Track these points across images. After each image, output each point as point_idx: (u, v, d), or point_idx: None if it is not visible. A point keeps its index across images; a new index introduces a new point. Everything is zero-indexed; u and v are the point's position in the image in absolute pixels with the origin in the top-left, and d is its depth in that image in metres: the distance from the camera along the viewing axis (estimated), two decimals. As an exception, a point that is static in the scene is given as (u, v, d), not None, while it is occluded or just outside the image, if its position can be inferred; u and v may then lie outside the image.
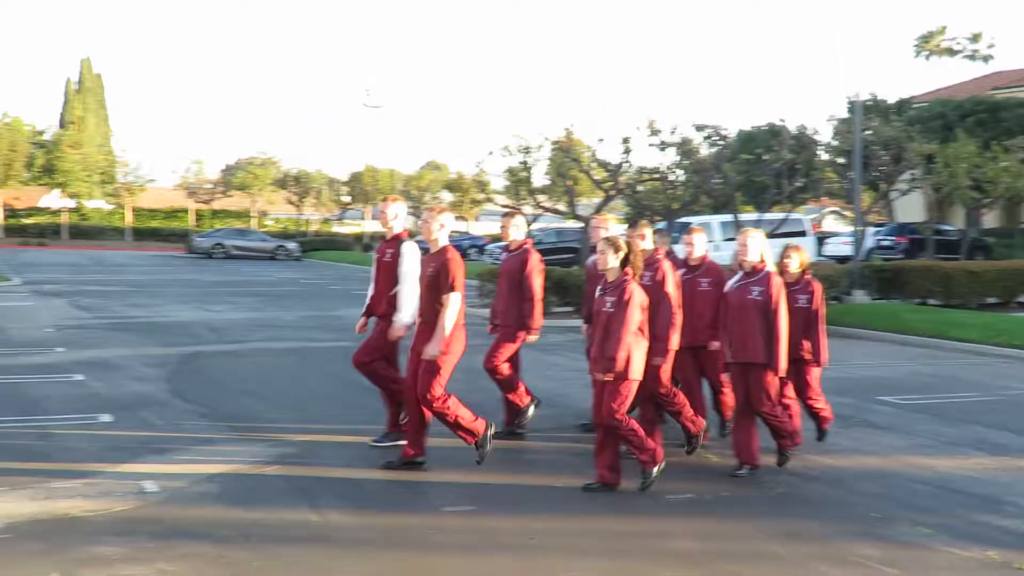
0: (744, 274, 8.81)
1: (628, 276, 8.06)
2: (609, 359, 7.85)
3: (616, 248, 8.12)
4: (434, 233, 8.64)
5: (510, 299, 9.75)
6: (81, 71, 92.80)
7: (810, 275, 9.61)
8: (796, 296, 9.33)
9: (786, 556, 6.77)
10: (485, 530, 7.18)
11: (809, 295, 9.44)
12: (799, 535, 7.22)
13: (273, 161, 73.33)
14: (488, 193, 43.49)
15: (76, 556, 6.28)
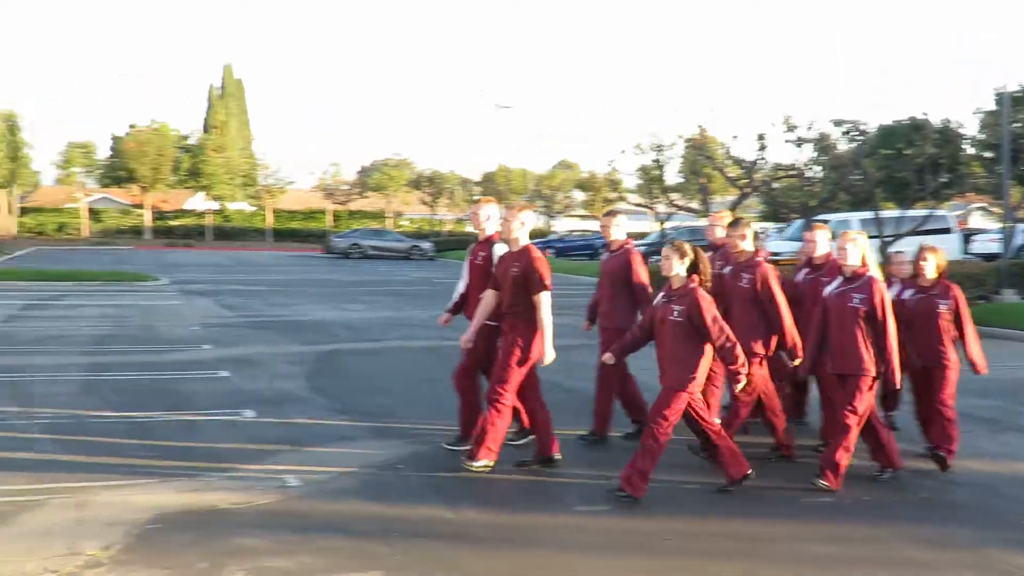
0: (844, 279, 8.35)
1: (695, 283, 7.82)
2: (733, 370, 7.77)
3: (682, 254, 7.90)
4: (514, 232, 8.57)
5: (614, 300, 9.60)
6: (223, 77, 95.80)
7: (946, 279, 9.21)
8: (935, 301, 9.01)
9: (931, 563, 6.57)
10: (620, 530, 7.16)
11: (949, 300, 9.04)
12: (944, 542, 6.99)
13: (408, 162, 74.53)
14: (620, 192, 43.25)
15: (222, 547, 6.49)
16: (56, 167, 71.33)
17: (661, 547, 6.81)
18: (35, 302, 23.51)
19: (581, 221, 75.44)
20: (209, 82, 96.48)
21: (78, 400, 11.23)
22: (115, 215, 73.88)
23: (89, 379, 12.61)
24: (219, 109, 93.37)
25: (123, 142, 71.66)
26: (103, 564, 6.13)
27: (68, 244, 63.76)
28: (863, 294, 8.17)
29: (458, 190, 73.50)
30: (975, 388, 13.12)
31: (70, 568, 6.05)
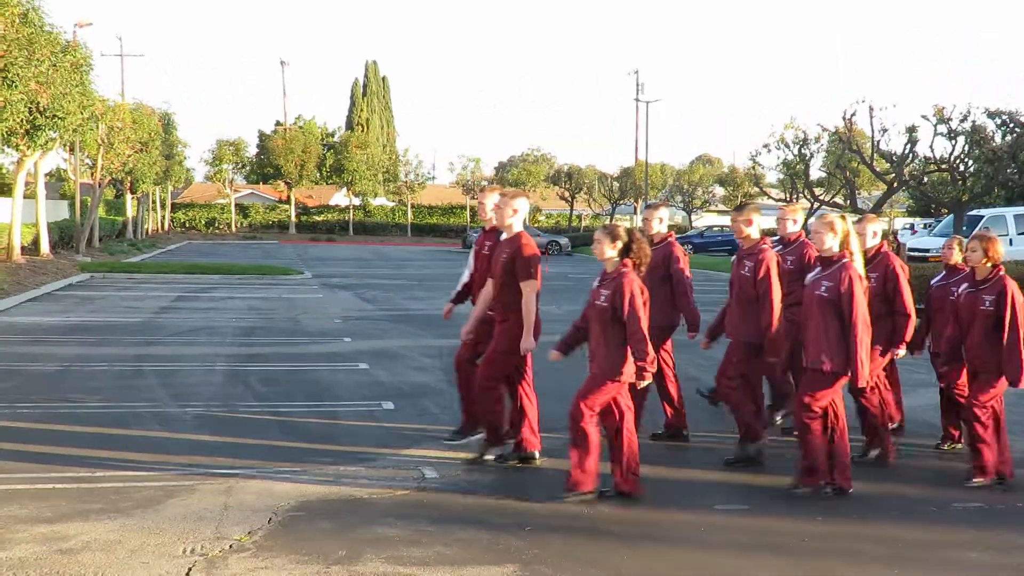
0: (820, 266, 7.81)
1: (627, 268, 7.50)
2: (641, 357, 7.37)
3: (614, 237, 7.56)
4: (507, 219, 8.35)
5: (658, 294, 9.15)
6: (367, 74, 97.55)
7: (1003, 271, 8.19)
8: (982, 297, 8.13)
9: (1091, 575, 6.24)
10: (758, 530, 7.01)
11: (995, 295, 8.05)
12: (1106, 553, 6.63)
13: (546, 157, 74.68)
14: (763, 187, 42.49)
15: (361, 536, 6.59)
16: (207, 164, 73.88)
17: (801, 548, 6.64)
18: (186, 294, 24.38)
19: (721, 217, 74.42)
20: (354, 79, 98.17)
21: (225, 390, 11.58)
22: (262, 211, 76.09)
23: (236, 369, 13.00)
24: (363, 106, 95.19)
25: (270, 139, 73.78)
26: (247, 549, 6.29)
27: (217, 239, 65.99)
28: (831, 282, 7.63)
29: (596, 185, 73.33)
30: None
31: (217, 552, 6.22)
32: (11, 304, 20.73)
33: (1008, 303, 7.99)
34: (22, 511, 6.94)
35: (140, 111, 45.67)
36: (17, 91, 23.84)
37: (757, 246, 8.71)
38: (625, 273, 7.46)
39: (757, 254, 8.63)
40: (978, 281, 8.22)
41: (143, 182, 49.45)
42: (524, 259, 8.23)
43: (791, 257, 9.32)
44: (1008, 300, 8.00)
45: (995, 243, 8.20)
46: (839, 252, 7.70)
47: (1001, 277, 8.13)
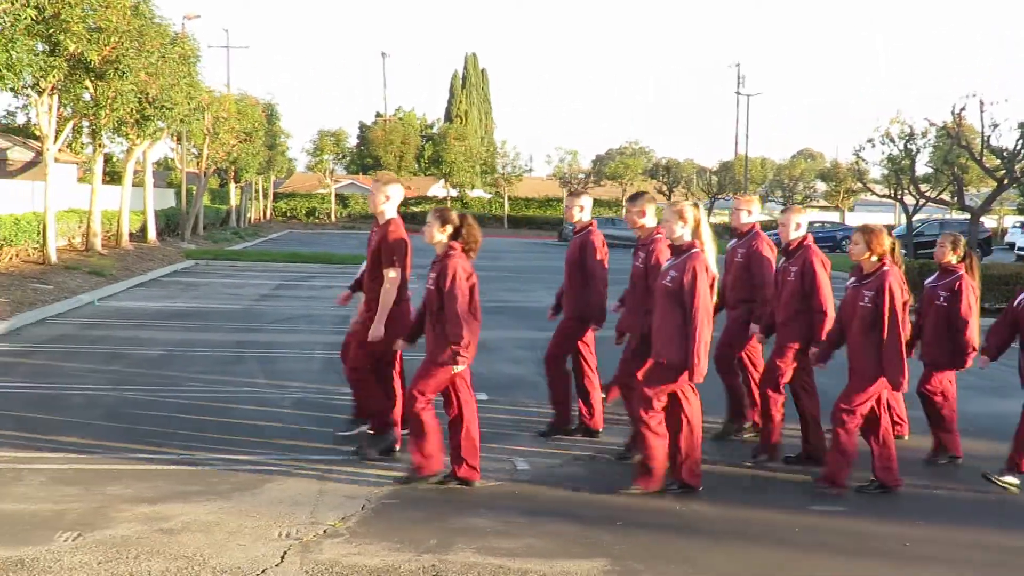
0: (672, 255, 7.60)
1: (455, 251, 7.35)
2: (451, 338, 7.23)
3: (444, 221, 7.41)
4: (380, 205, 8.26)
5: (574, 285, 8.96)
6: (466, 66, 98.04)
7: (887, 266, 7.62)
8: (862, 292, 7.64)
9: None
10: (855, 533, 6.87)
11: (874, 291, 7.54)
12: None
13: (644, 151, 74.24)
14: (866, 183, 41.58)
15: (453, 525, 6.63)
16: (308, 154, 75.06)
17: (899, 553, 6.49)
18: (286, 282, 24.82)
19: (822, 213, 73.13)
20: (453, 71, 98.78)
21: (323, 376, 11.76)
22: (361, 201, 77.04)
23: (333, 357, 13.16)
24: (462, 98, 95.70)
25: (370, 130, 74.68)
26: (341, 535, 6.37)
27: (317, 228, 67.01)
28: (676, 272, 7.35)
29: (695, 179, 72.64)
30: None
31: (311, 536, 6.32)
32: (119, 289, 21.34)
33: (885, 300, 7.47)
34: (126, 491, 7.13)
35: (245, 102, 46.61)
36: (128, 82, 24.51)
37: (651, 237, 8.39)
38: (452, 256, 7.37)
39: (649, 244, 8.32)
40: (862, 276, 7.79)
41: (246, 171, 50.46)
42: (388, 245, 8.21)
43: (741, 250, 9.09)
44: (885, 297, 7.48)
45: (879, 235, 7.66)
46: (689, 242, 7.42)
47: (883, 272, 7.59)
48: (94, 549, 5.98)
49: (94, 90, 24.80)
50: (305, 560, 5.91)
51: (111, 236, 31.72)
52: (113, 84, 24.16)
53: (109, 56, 23.59)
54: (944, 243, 8.81)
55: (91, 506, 6.78)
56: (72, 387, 10.70)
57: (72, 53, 22.22)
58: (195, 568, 5.73)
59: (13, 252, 22.78)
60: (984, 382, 12.73)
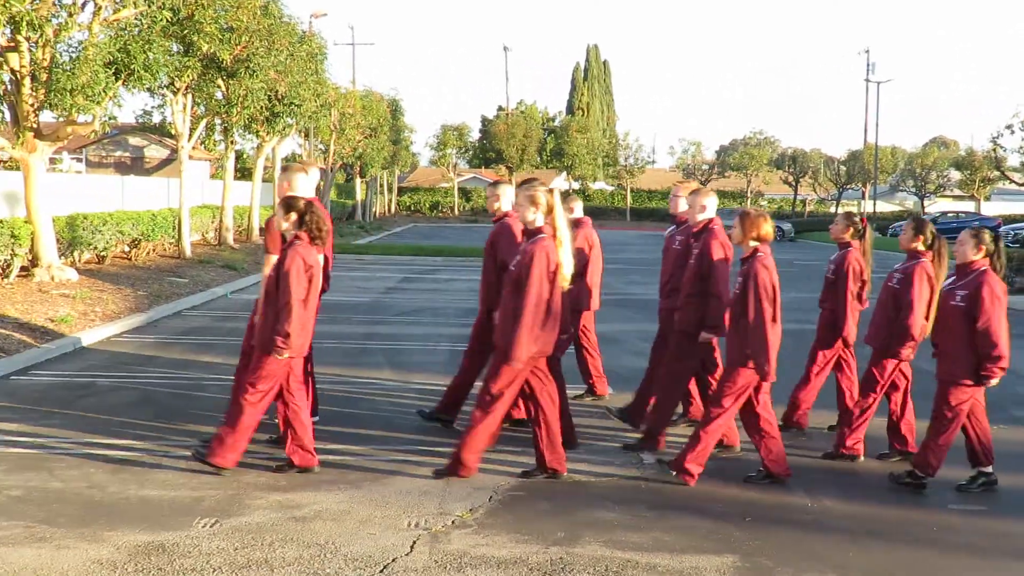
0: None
1: (301, 239, 7.17)
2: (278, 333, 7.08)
3: (288, 209, 7.21)
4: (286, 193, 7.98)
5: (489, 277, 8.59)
6: (588, 58, 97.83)
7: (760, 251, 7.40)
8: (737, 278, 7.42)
9: None
10: (995, 533, 6.64)
11: (744, 277, 7.32)
12: None
13: (770, 140, 73.02)
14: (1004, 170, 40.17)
15: (579, 518, 6.62)
16: (431, 149, 75.89)
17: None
18: (411, 275, 25.13)
19: (957, 203, 70.82)
20: (575, 64, 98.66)
21: (448, 368, 11.84)
22: (483, 194, 77.56)
23: (458, 350, 13.26)
24: (583, 91, 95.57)
25: (492, 124, 75.08)
26: (469, 526, 6.42)
27: (440, 222, 67.71)
28: (520, 256, 7.11)
29: (822, 169, 71.12)
30: None
31: (440, 527, 6.38)
32: (250, 282, 21.90)
33: (750, 284, 7.17)
34: (260, 479, 7.31)
35: (370, 98, 47.35)
36: (258, 80, 25.13)
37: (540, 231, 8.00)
38: (295, 245, 7.25)
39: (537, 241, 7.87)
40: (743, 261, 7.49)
41: (372, 166, 51.28)
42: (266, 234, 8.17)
43: (679, 237, 8.83)
44: (750, 282, 7.18)
45: (753, 220, 7.44)
46: (539, 227, 7.16)
47: (754, 258, 7.33)
48: (230, 535, 6.15)
49: (226, 88, 25.52)
50: (434, 550, 5.97)
51: (242, 231, 32.59)
52: (244, 82, 24.80)
53: (240, 55, 24.23)
54: (908, 229, 8.20)
55: (227, 493, 6.97)
56: (208, 378, 11.02)
57: (205, 53, 22.90)
58: (327, 556, 5.84)
59: (150, 247, 23.60)
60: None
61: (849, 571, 5.88)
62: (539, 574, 5.66)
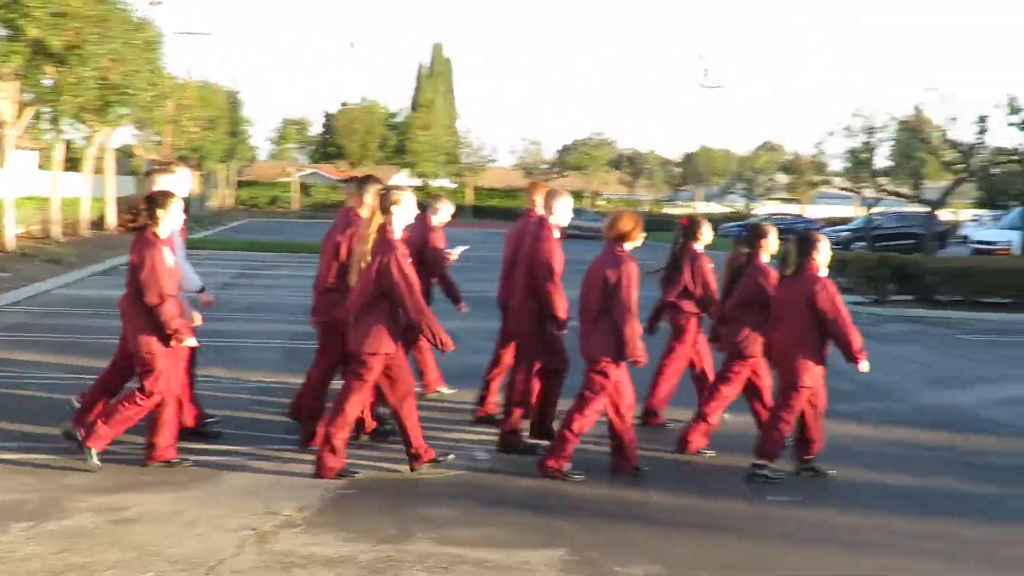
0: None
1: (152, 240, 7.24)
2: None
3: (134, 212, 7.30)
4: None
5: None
6: (432, 56, 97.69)
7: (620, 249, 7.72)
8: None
9: None
10: (811, 523, 6.95)
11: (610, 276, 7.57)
12: None
13: (608, 142, 74.36)
14: (826, 175, 41.93)
15: (410, 515, 6.63)
16: (271, 143, 74.54)
17: (854, 542, 6.57)
18: (247, 271, 24.66)
19: (784, 204, 73.60)
20: (419, 61, 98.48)
21: (283, 366, 11.70)
22: (324, 190, 76.66)
23: (293, 347, 13.11)
24: (427, 88, 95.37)
25: (335, 119, 74.23)
26: (298, 525, 6.35)
27: (280, 217, 66.60)
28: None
29: (658, 171, 72.86)
30: None
31: (267, 527, 6.29)
32: (78, 277, 21.13)
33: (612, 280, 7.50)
34: (81, 481, 7.06)
35: (207, 89, 46.28)
36: (89, 68, 24.22)
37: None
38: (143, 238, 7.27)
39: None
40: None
41: (209, 159, 50.09)
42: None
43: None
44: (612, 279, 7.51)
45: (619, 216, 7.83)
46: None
47: (617, 255, 7.66)
48: (49, 539, 5.92)
49: (56, 76, 24.50)
50: (262, 550, 5.89)
51: (69, 224, 31.40)
52: (75, 70, 23.87)
53: (71, 41, 23.30)
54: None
55: (47, 496, 6.71)
56: (29, 376, 10.58)
57: (33, 38, 21.94)
58: (151, 558, 5.69)
59: (-30, 239, 22.49)
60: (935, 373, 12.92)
61: (675, 562, 6.05)
62: (368, 572, 5.64)
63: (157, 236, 7.30)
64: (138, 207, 7.41)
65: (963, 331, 17.92)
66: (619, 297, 7.45)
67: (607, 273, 7.53)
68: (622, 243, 7.69)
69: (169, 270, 7.26)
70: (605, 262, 7.63)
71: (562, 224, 8.55)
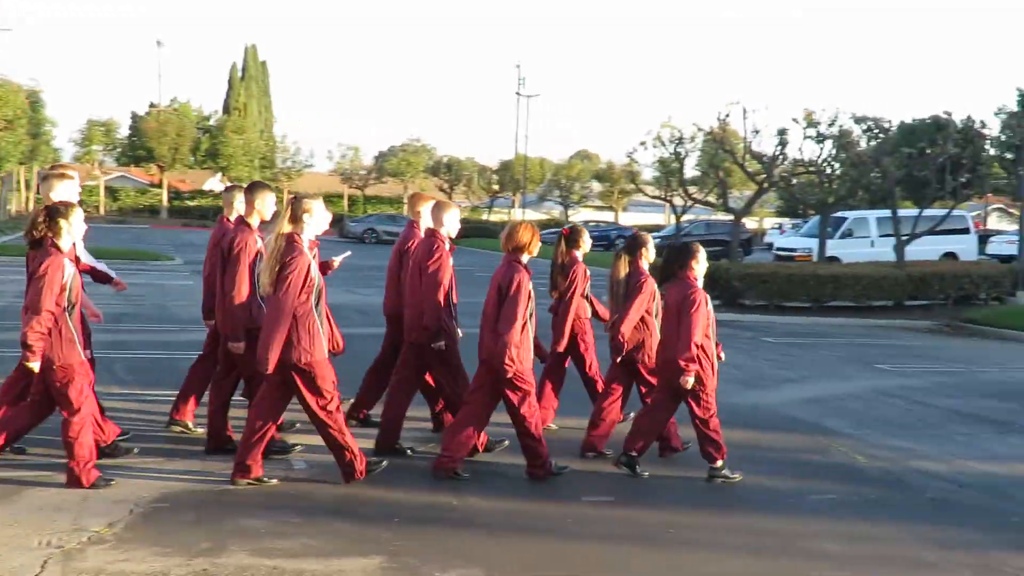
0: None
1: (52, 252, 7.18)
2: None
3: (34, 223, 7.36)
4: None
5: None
6: (246, 58, 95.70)
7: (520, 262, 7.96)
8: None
9: (937, 564, 6.54)
10: (623, 521, 7.15)
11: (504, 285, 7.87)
12: (950, 543, 6.96)
13: (426, 148, 74.47)
14: (638, 184, 43.15)
15: (225, 527, 6.50)
16: (76, 145, 71.55)
17: (664, 538, 6.81)
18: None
19: (597, 212, 75.32)
20: (232, 63, 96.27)
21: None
22: (132, 194, 74.12)
23: (100, 357, 12.60)
24: (241, 91, 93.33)
25: (143, 121, 71.82)
26: (107, 541, 6.14)
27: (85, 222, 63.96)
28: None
29: (476, 177, 73.42)
30: (989, 390, 13.10)
31: (74, 544, 6.06)
32: None
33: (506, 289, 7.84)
34: None
35: (6, 88, 44.05)
36: None
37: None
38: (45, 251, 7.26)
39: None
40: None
41: (7, 161, 47.68)
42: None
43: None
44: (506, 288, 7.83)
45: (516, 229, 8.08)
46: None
47: (513, 266, 7.92)
48: None
49: None
50: (67, 568, 5.67)
51: None
52: None
53: None
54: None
55: None
56: None
57: None
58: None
59: None
60: (743, 375, 13.46)
61: (491, 565, 6.13)
62: (181, 587, 5.51)
63: (59, 248, 7.17)
64: (36, 219, 7.21)
65: (767, 334, 18.76)
66: (508, 306, 7.73)
67: (502, 282, 7.83)
68: (519, 255, 7.97)
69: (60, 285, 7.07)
70: (503, 272, 7.90)
71: (451, 235, 8.73)
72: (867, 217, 33.15)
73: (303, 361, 7.20)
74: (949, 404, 12.05)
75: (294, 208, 7.42)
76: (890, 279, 22.82)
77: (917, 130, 45.81)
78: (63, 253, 7.20)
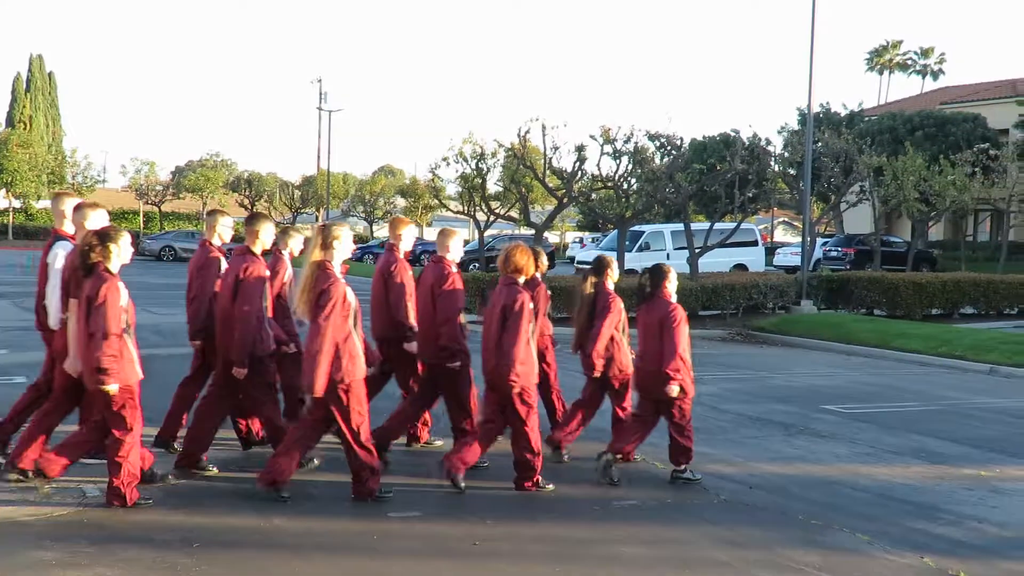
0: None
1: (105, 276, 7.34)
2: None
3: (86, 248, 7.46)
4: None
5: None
6: (31, 69, 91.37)
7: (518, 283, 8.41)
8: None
9: (730, 563, 6.84)
10: (430, 535, 7.19)
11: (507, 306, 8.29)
12: (742, 542, 7.29)
13: (226, 163, 72.85)
14: (442, 199, 43.33)
15: (15, 561, 6.21)
16: None
17: (470, 551, 6.88)
18: None
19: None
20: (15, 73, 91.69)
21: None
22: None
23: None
24: (26, 103, 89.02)
25: (-82, 134, 67.56)
26: None
27: None
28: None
29: (278, 193, 72.25)
30: (775, 394, 13.78)
31: None
32: None
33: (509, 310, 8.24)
34: None
35: None
36: None
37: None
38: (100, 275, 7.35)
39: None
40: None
41: None
42: None
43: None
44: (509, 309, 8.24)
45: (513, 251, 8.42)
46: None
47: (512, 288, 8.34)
48: None
49: None
50: None
51: None
52: None
53: None
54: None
55: None
56: None
57: None
58: None
59: None
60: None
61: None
62: (-36, 626, 5.22)
63: (111, 272, 7.31)
64: (90, 243, 7.31)
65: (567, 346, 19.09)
66: (511, 324, 8.13)
67: (506, 303, 8.19)
68: (516, 276, 8.38)
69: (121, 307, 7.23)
70: (505, 294, 8.25)
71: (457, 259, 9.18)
72: (662, 230, 34.35)
73: (344, 382, 7.45)
74: (740, 409, 12.61)
75: (324, 236, 7.68)
76: (684, 290, 23.66)
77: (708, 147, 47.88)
78: (116, 277, 7.34)
